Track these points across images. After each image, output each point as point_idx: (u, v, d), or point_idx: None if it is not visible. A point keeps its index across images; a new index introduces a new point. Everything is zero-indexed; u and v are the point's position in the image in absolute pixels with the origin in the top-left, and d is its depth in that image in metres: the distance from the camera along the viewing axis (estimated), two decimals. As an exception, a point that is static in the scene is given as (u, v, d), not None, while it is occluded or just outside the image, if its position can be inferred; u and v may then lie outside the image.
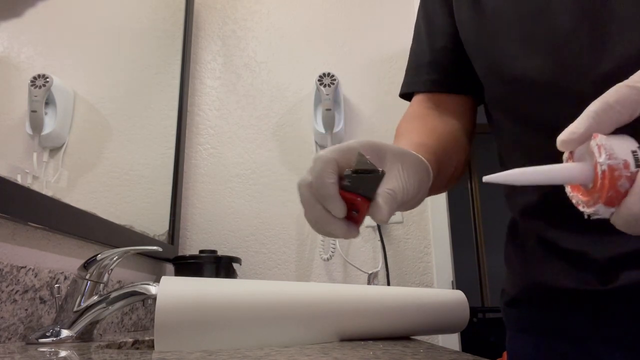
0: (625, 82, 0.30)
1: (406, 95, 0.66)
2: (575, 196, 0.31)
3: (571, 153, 0.32)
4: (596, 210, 0.29)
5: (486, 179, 0.31)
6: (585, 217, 0.30)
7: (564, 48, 0.46)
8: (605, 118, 0.29)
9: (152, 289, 0.64)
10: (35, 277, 0.70)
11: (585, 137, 0.29)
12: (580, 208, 0.30)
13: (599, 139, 0.29)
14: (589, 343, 0.48)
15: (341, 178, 0.37)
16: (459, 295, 0.56)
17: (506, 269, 0.63)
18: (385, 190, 0.37)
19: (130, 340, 0.65)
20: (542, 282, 0.52)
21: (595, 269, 0.46)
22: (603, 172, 0.28)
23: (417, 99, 0.64)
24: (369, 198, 0.37)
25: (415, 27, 0.68)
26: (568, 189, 0.32)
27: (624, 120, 0.29)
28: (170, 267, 1.35)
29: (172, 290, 0.44)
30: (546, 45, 0.47)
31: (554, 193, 0.37)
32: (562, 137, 0.30)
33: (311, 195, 0.38)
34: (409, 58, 0.67)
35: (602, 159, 0.28)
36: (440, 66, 0.63)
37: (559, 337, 0.51)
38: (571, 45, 0.45)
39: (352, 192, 0.36)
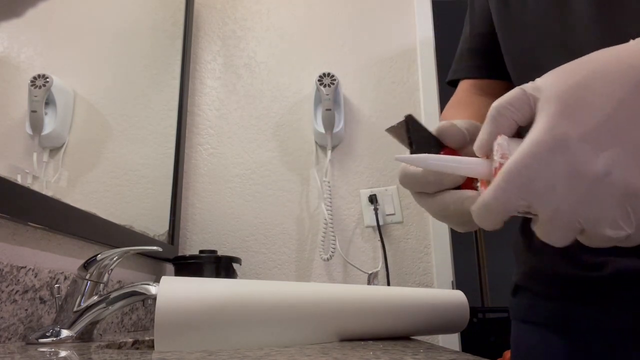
0: (523, 85, 0.31)
1: (452, 82, 0.67)
2: (481, 190, 0.33)
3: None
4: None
5: (398, 157, 0.33)
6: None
7: (579, 47, 0.46)
8: (501, 120, 0.31)
9: (152, 289, 0.64)
10: (35, 277, 0.70)
11: (489, 141, 0.31)
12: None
13: (500, 139, 0.31)
14: (588, 333, 0.48)
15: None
16: (459, 295, 0.56)
17: (515, 259, 0.63)
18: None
19: (130, 340, 0.65)
20: (540, 268, 0.52)
21: (588, 255, 0.46)
22: (495, 168, 0.30)
23: (462, 86, 0.65)
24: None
25: (467, 13, 0.70)
26: (477, 183, 0.34)
27: (521, 119, 0.30)
28: (170, 267, 1.35)
29: (172, 290, 0.44)
30: (562, 43, 0.47)
31: None
32: (475, 145, 0.33)
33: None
34: (459, 45, 0.68)
35: (496, 156, 0.30)
36: (480, 52, 0.63)
37: (558, 326, 0.51)
38: (589, 39, 0.45)
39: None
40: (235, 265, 1.31)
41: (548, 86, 0.29)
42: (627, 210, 0.26)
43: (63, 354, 0.49)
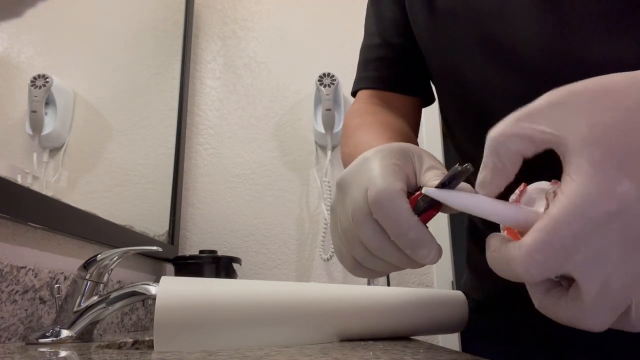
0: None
1: (356, 94, 0.62)
2: (504, 234, 0.27)
3: (521, 191, 0.27)
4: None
5: (427, 191, 0.28)
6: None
7: (521, 55, 0.42)
8: (505, 154, 0.25)
9: (152, 289, 0.64)
10: (35, 277, 0.70)
11: (497, 182, 0.26)
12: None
13: (528, 189, 0.26)
14: (563, 347, 0.47)
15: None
16: (459, 295, 0.56)
17: (468, 273, 0.60)
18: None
19: (130, 340, 0.65)
20: (512, 286, 0.50)
21: None
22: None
23: (363, 94, 0.60)
24: (440, 204, 0.30)
25: (365, 19, 0.64)
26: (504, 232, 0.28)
27: (530, 151, 0.25)
28: (170, 267, 1.35)
29: (171, 290, 0.44)
30: (502, 50, 0.44)
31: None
32: (478, 181, 0.27)
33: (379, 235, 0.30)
34: (359, 54, 0.63)
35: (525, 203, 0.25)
36: (388, 63, 0.59)
37: (532, 343, 0.50)
38: (528, 50, 0.42)
39: (428, 209, 0.30)
40: (235, 265, 1.31)
41: (574, 119, 0.22)
42: None
43: (63, 354, 0.49)
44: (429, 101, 0.61)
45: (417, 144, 0.56)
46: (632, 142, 0.21)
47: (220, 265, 1.27)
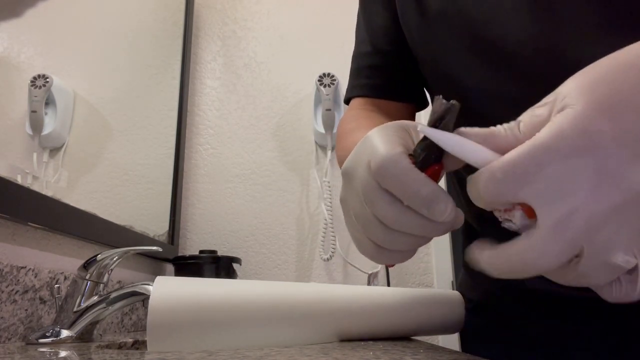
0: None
1: (349, 101, 0.62)
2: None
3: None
4: (511, 216, 0.25)
5: (422, 129, 0.28)
6: (500, 221, 0.26)
7: (515, 58, 0.42)
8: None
9: (152, 289, 0.63)
10: (35, 277, 0.70)
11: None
12: (496, 211, 0.26)
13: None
14: (558, 348, 0.47)
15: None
16: (456, 295, 0.56)
17: (464, 272, 0.60)
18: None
19: (130, 340, 0.65)
20: (509, 284, 0.50)
21: None
22: None
23: (357, 102, 0.60)
24: (440, 158, 0.30)
25: (356, 27, 0.64)
26: None
27: None
28: (170, 267, 1.35)
29: (165, 290, 0.44)
30: (495, 53, 0.44)
31: None
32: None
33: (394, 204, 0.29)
34: (352, 61, 0.63)
35: None
36: (381, 70, 0.59)
37: (527, 343, 0.49)
38: (521, 52, 0.42)
39: (430, 165, 0.29)
40: (235, 266, 1.31)
41: (572, 85, 0.24)
42: None
43: (63, 354, 0.49)
44: (423, 105, 0.62)
45: None
46: (618, 91, 0.22)
47: (220, 266, 1.27)
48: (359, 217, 0.32)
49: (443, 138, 0.27)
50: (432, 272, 1.45)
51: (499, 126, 0.26)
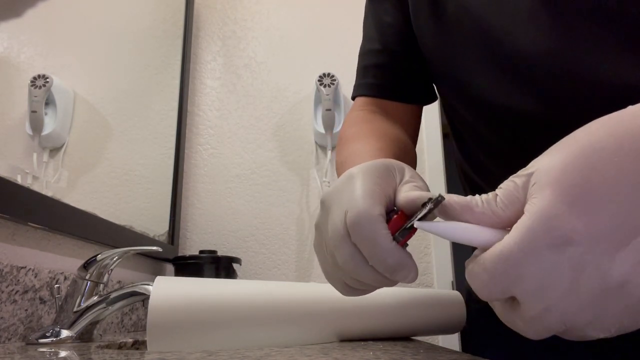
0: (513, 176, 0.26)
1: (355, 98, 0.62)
2: None
3: None
4: None
5: (419, 225, 0.28)
6: None
7: (527, 69, 0.42)
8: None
9: (152, 289, 0.63)
10: (35, 277, 0.70)
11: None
12: None
13: None
14: (563, 350, 0.47)
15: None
16: (456, 295, 0.56)
17: None
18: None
19: (130, 340, 0.65)
20: None
21: None
22: None
23: (362, 101, 0.60)
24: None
25: (364, 22, 0.63)
26: None
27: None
28: (170, 267, 1.35)
29: (165, 290, 0.44)
30: (510, 66, 0.43)
31: None
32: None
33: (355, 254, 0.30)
34: (359, 58, 0.63)
35: None
36: (388, 70, 0.58)
37: (531, 346, 0.50)
38: (537, 66, 0.41)
39: (408, 236, 0.30)
40: (235, 266, 1.31)
41: (545, 168, 0.23)
42: (622, 318, 0.22)
43: (63, 354, 0.49)
44: (429, 102, 0.61)
45: (414, 151, 0.56)
46: (588, 179, 0.22)
47: (220, 266, 1.27)
48: (331, 254, 0.33)
49: (437, 230, 0.27)
50: (432, 272, 1.45)
51: (477, 197, 0.26)
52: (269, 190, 1.53)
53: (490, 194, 0.26)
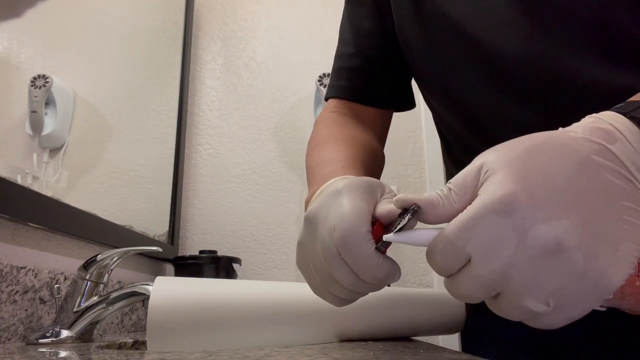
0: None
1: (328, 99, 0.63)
2: None
3: None
4: None
5: (388, 238, 0.30)
6: None
7: (513, 74, 0.43)
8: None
9: (152, 289, 0.64)
10: (35, 277, 0.70)
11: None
12: None
13: None
14: (558, 351, 0.47)
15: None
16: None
17: None
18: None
19: (130, 340, 0.65)
20: None
21: None
22: None
23: (334, 102, 0.60)
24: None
25: (340, 25, 0.64)
26: None
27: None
28: (170, 267, 1.35)
29: (165, 290, 0.44)
30: (489, 72, 0.44)
31: None
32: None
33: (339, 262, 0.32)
34: (334, 60, 0.63)
35: None
36: (361, 74, 0.59)
37: (528, 346, 0.50)
38: (518, 70, 0.43)
39: (387, 245, 0.32)
40: (235, 266, 1.31)
41: (494, 158, 0.27)
42: (560, 287, 0.24)
43: (63, 354, 0.49)
44: (401, 108, 0.62)
45: (382, 154, 0.58)
46: (529, 162, 0.26)
47: (220, 266, 1.27)
48: (318, 270, 0.34)
49: (408, 240, 0.30)
50: (432, 272, 1.45)
51: (435, 194, 0.29)
52: (269, 190, 1.53)
53: (445, 189, 0.28)
